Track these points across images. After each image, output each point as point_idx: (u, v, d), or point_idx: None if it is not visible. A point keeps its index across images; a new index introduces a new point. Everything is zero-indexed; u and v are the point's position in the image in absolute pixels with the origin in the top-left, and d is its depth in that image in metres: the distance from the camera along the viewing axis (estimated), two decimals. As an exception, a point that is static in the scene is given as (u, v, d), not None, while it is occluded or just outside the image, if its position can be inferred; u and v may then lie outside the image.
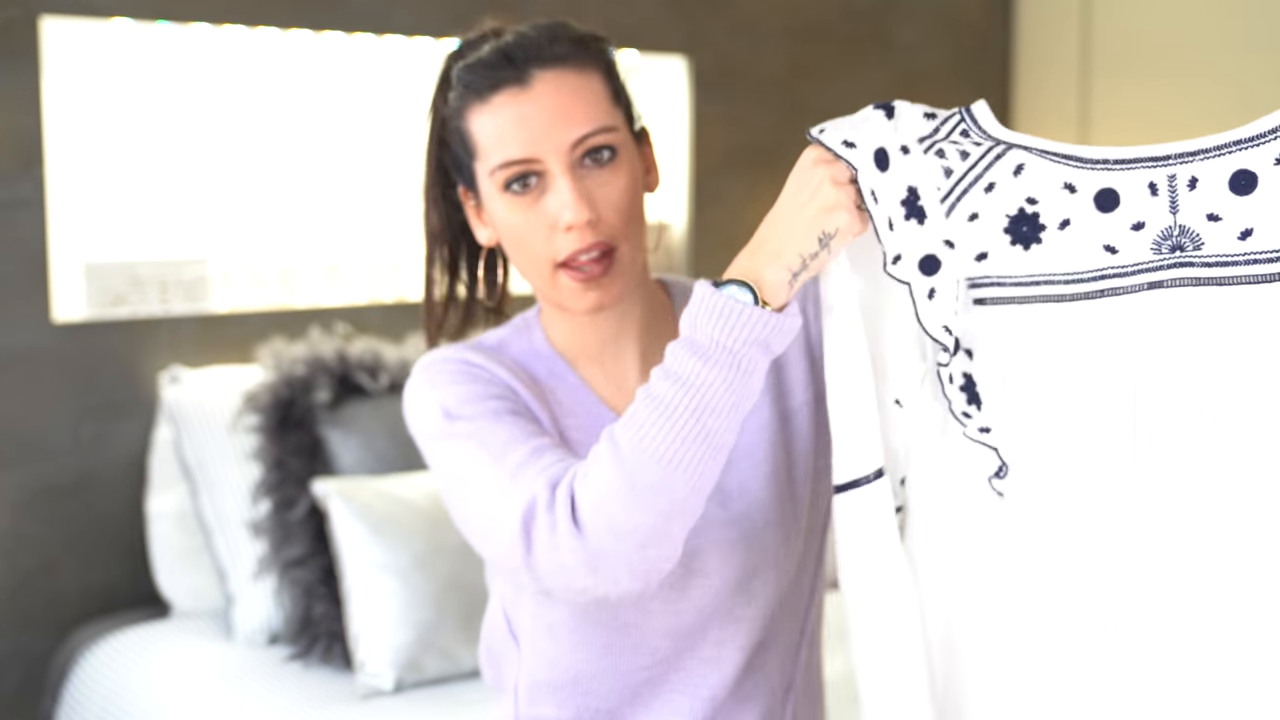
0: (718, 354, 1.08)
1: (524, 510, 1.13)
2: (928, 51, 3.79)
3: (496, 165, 1.23)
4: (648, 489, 1.08)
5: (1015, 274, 1.08)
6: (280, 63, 2.76)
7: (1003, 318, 1.08)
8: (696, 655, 1.32)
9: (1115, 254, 1.05)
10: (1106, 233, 1.05)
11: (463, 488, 1.22)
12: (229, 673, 2.36)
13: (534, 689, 1.34)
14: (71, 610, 2.59)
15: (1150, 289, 1.04)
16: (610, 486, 1.09)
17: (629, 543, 1.10)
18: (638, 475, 1.09)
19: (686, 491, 1.10)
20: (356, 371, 2.54)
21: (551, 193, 1.23)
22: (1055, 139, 3.92)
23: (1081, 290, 1.06)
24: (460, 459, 1.22)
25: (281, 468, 2.43)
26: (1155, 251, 1.04)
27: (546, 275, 1.26)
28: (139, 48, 2.61)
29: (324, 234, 2.84)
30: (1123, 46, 3.71)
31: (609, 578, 1.12)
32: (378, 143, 2.87)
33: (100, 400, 2.59)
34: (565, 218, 1.21)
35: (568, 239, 1.23)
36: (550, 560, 1.12)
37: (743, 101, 3.43)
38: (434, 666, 2.32)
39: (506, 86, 1.22)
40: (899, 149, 1.10)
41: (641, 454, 1.09)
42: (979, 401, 1.10)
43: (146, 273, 2.64)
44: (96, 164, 2.58)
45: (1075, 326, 1.06)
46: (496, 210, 1.26)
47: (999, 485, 1.10)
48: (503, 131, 1.22)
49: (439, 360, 1.30)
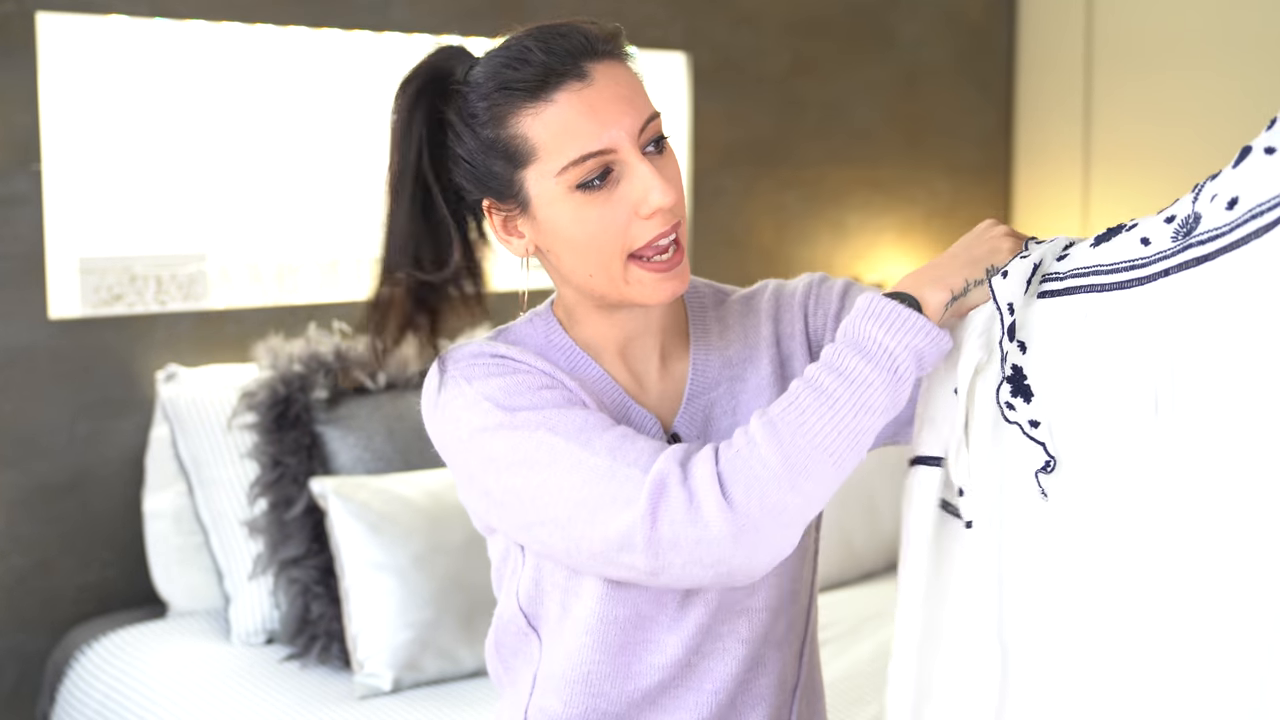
0: (879, 355, 1.15)
1: (651, 488, 1.15)
2: (930, 48, 3.78)
3: (569, 163, 1.21)
4: (802, 471, 1.14)
5: (1079, 266, 1.12)
6: (277, 59, 2.75)
7: (1059, 310, 1.12)
8: (701, 650, 1.33)
9: (1148, 245, 1.08)
10: (1149, 228, 1.08)
11: (540, 479, 1.20)
12: (226, 673, 2.35)
13: (547, 679, 1.35)
14: (68, 610, 2.58)
15: (1164, 276, 1.06)
16: (766, 465, 1.14)
17: (778, 520, 1.14)
18: (794, 457, 1.14)
19: (832, 479, 1.16)
20: (354, 369, 2.52)
21: (629, 180, 1.22)
22: (1058, 135, 3.97)
23: (1116, 280, 1.08)
24: (531, 448, 1.21)
25: (279, 466, 2.43)
26: (1173, 240, 1.06)
27: (616, 271, 1.25)
28: (136, 44, 2.60)
29: (321, 231, 2.83)
30: (1125, 42, 3.70)
31: (748, 552, 1.15)
32: (375, 140, 2.85)
33: (96, 398, 2.58)
34: (654, 200, 1.22)
35: (649, 225, 1.23)
36: (684, 533, 1.15)
37: (743, 98, 3.42)
38: (433, 666, 2.31)
39: (567, 82, 1.21)
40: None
41: (800, 437, 1.14)
42: (1025, 394, 1.13)
43: (143, 269, 2.63)
44: (93, 160, 2.57)
45: (1108, 318, 1.08)
46: (560, 213, 1.23)
47: (1045, 482, 1.12)
48: (572, 126, 1.21)
49: (467, 356, 1.28)
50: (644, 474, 1.16)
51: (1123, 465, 1.08)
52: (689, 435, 1.34)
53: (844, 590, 2.80)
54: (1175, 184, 3.60)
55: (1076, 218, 3.82)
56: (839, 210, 3.64)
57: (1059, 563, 1.12)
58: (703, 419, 1.35)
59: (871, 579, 2.89)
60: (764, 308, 1.40)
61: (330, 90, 2.81)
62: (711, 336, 1.38)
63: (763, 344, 1.37)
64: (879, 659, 2.44)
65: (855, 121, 3.65)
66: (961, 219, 3.87)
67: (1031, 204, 3.96)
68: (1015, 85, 3.97)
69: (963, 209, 3.89)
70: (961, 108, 3.87)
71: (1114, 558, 1.09)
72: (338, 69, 2.81)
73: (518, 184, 1.24)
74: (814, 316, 1.38)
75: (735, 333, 1.39)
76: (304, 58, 2.78)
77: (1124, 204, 3.72)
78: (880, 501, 2.91)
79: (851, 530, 2.85)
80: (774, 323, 1.39)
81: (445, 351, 1.30)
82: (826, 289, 1.39)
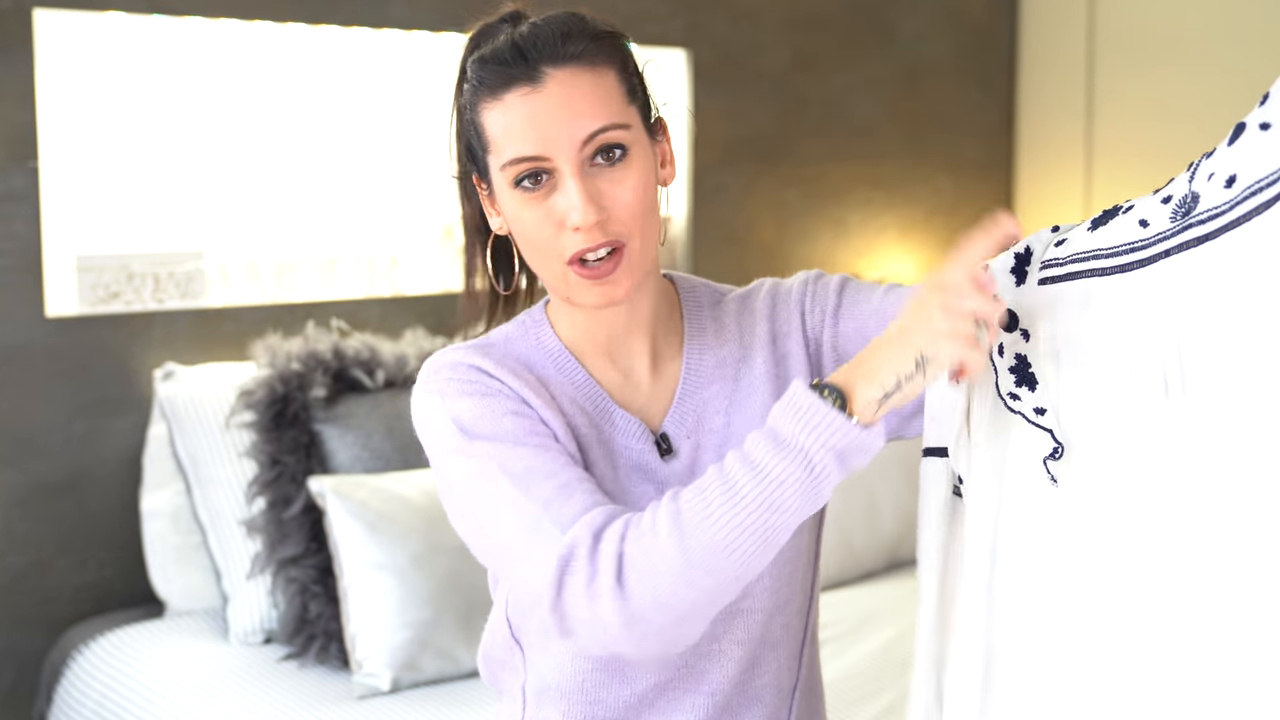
0: (795, 452, 1.09)
1: (562, 553, 1.14)
2: (931, 44, 3.77)
3: (507, 161, 1.24)
4: (700, 568, 1.10)
5: (1078, 251, 1.10)
6: (276, 56, 2.74)
7: (1061, 295, 1.10)
8: (698, 651, 1.32)
9: (1146, 227, 1.06)
10: (1146, 209, 1.07)
11: (484, 512, 1.23)
12: (224, 672, 2.34)
13: (542, 693, 1.34)
14: (65, 609, 2.58)
15: (1165, 257, 1.05)
16: (664, 557, 1.11)
17: (669, 615, 1.12)
18: (694, 553, 1.10)
19: (733, 579, 1.12)
20: (353, 367, 2.53)
21: (560, 192, 1.23)
22: (1060, 131, 3.96)
23: (1117, 263, 1.07)
24: (481, 482, 1.22)
25: (277, 465, 2.42)
26: (1171, 220, 1.05)
27: (557, 271, 1.26)
28: (133, 41, 2.59)
29: (320, 228, 2.82)
30: (1128, 37, 3.69)
31: (637, 641, 1.14)
32: (374, 136, 2.86)
33: (94, 396, 2.58)
34: (572, 219, 1.22)
35: (575, 238, 1.23)
36: (582, 610, 1.14)
37: (743, 94, 3.41)
38: (431, 666, 2.30)
39: (518, 84, 1.23)
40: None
41: (703, 533, 1.10)
42: (1030, 382, 1.11)
43: (140, 267, 2.62)
44: (90, 158, 2.57)
45: (1111, 301, 1.07)
46: (507, 204, 1.27)
47: (1054, 468, 1.11)
48: (513, 128, 1.23)
49: (446, 366, 1.29)
50: (562, 535, 1.15)
51: (1134, 449, 1.07)
52: (678, 436, 1.33)
53: (844, 590, 2.79)
54: (1178, 181, 3.59)
55: (1079, 214, 3.81)
56: (840, 208, 3.63)
57: (1070, 549, 1.11)
58: (694, 419, 1.34)
59: (871, 578, 2.88)
60: (760, 307, 1.39)
61: (329, 87, 2.80)
62: (706, 335, 1.37)
63: (758, 343, 1.37)
64: (879, 658, 2.44)
65: (856, 118, 3.64)
66: (963, 216, 3.86)
67: (1034, 200, 3.95)
68: (1017, 81, 3.96)
69: (965, 206, 3.88)
70: (963, 104, 3.86)
71: (1127, 542, 1.08)
72: (336, 66, 2.81)
73: (486, 168, 1.28)
74: (811, 314, 1.37)
75: (730, 332, 1.38)
76: (302, 55, 2.77)
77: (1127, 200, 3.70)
78: (880, 500, 2.90)
79: (851, 530, 2.84)
80: (770, 321, 1.38)
81: (430, 356, 1.32)
82: (823, 285, 1.38)
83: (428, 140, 2.87)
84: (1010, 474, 1.14)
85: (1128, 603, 1.08)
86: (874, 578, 2.89)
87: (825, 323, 1.36)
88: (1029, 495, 1.13)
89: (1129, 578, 1.07)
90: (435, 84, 2.86)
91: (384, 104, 2.86)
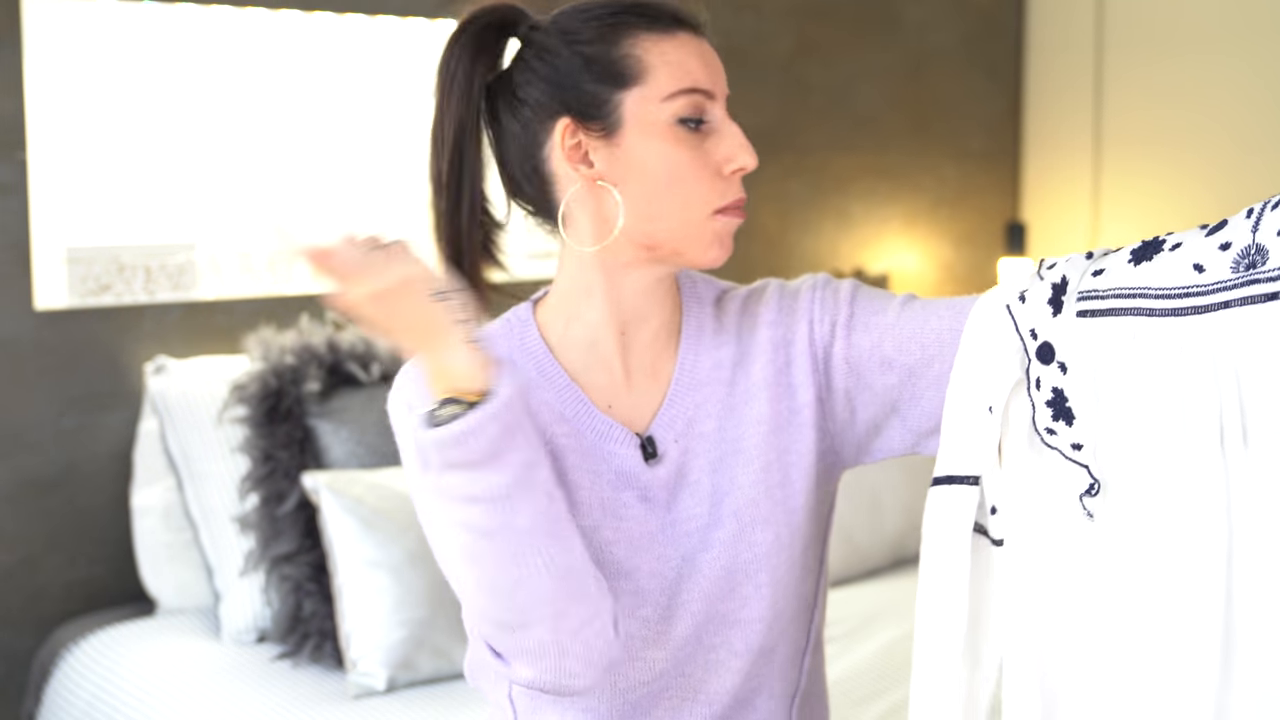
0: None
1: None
2: (937, 31, 3.76)
3: (678, 90, 1.23)
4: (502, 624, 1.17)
5: (1121, 286, 1.09)
6: (269, 44, 2.73)
7: (1102, 331, 1.09)
8: (694, 661, 1.30)
9: (1202, 272, 1.05)
10: (1200, 252, 1.06)
11: (436, 535, 1.23)
12: (216, 672, 2.34)
13: (534, 695, 1.32)
14: (54, 607, 2.57)
15: (1223, 309, 1.03)
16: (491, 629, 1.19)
17: (542, 663, 1.18)
18: (487, 613, 1.18)
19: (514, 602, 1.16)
20: (348, 361, 2.52)
21: (719, 136, 1.25)
22: (1068, 120, 3.96)
23: (1168, 306, 1.06)
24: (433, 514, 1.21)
25: (270, 460, 2.41)
26: (1233, 270, 1.03)
27: (699, 219, 1.25)
28: (124, 28, 2.57)
29: (314, 219, 2.80)
30: (1137, 25, 3.68)
31: (567, 684, 1.19)
32: (369, 125, 2.84)
33: (83, 391, 2.56)
34: (741, 159, 1.24)
35: (733, 185, 1.25)
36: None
37: (745, 82, 3.35)
38: (428, 666, 2.29)
39: (686, 29, 1.27)
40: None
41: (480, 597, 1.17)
42: (1068, 417, 1.10)
43: (131, 259, 2.60)
44: (80, 147, 2.55)
45: (1161, 343, 1.06)
46: (653, 145, 1.24)
47: (1090, 504, 1.10)
48: (688, 63, 1.25)
49: (418, 376, 1.24)
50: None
51: (1181, 494, 1.06)
52: (665, 440, 1.30)
53: (847, 588, 2.78)
54: (1189, 170, 3.57)
55: (1087, 205, 3.79)
56: (843, 198, 3.62)
57: (1102, 585, 1.09)
58: (684, 422, 1.31)
59: (875, 576, 2.87)
60: (763, 311, 1.35)
61: (323, 75, 2.78)
62: (704, 335, 1.34)
63: (758, 349, 1.33)
64: (883, 658, 2.42)
65: (860, 107, 3.62)
66: (969, 206, 3.85)
67: (1041, 191, 3.93)
68: (1024, 69, 3.94)
69: (971, 196, 3.86)
70: (969, 92, 3.83)
71: (1166, 585, 1.06)
72: (330, 53, 2.79)
73: (613, 104, 1.24)
74: (819, 324, 1.33)
75: (730, 334, 1.34)
76: (296, 42, 2.75)
77: (1136, 191, 3.69)
78: (884, 497, 2.88)
79: (854, 527, 2.82)
80: (773, 328, 1.34)
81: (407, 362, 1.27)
82: (832, 293, 1.34)
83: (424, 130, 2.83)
84: (1045, 508, 1.12)
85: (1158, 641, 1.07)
86: (878, 575, 2.87)
87: (836, 335, 1.31)
88: (1064, 531, 1.11)
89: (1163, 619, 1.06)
90: (431, 73, 2.82)
91: (379, 92, 2.84)
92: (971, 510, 1.15)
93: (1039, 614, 1.13)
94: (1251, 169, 3.46)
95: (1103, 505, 1.09)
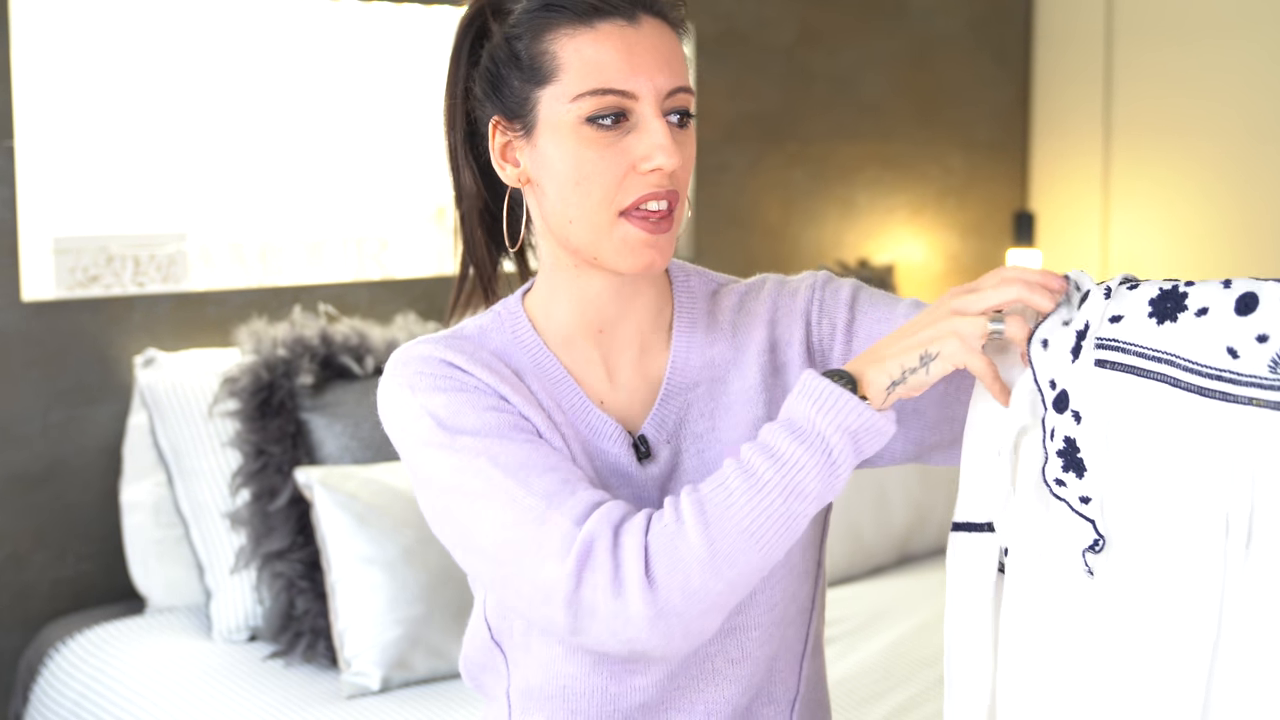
0: (812, 437, 1.12)
1: (579, 548, 1.13)
2: (943, 17, 3.74)
3: (586, 91, 1.19)
4: (726, 557, 1.12)
5: (1144, 345, 1.06)
6: (261, 31, 2.70)
7: (1121, 386, 1.07)
8: (689, 672, 1.28)
9: (1236, 359, 1.03)
10: (1234, 334, 1.03)
11: (474, 507, 1.18)
12: (207, 671, 2.33)
13: (526, 695, 1.31)
14: (41, 605, 2.56)
15: (1251, 405, 1.01)
16: (690, 548, 1.12)
17: (697, 606, 1.12)
18: (720, 542, 1.12)
19: (756, 567, 1.13)
20: (341, 354, 2.51)
21: (640, 133, 1.20)
22: (1077, 108, 3.94)
23: (1196, 383, 1.04)
24: (468, 476, 1.18)
25: (262, 455, 2.40)
26: (1272, 370, 1.01)
27: (604, 223, 1.21)
28: (113, 15, 2.55)
29: (307, 210, 2.79)
30: (1147, 11, 3.66)
31: (664, 635, 1.13)
32: (364, 114, 2.83)
33: (71, 384, 2.55)
34: (657, 159, 1.19)
35: (644, 181, 1.20)
36: (604, 604, 1.13)
37: (748, 69, 3.38)
38: (423, 665, 2.28)
39: (613, 17, 1.20)
40: None
41: (726, 521, 1.12)
42: (1079, 468, 1.09)
43: (120, 249, 2.58)
44: (68, 136, 2.53)
45: (1184, 419, 1.04)
46: (563, 142, 1.20)
47: (1092, 561, 1.09)
48: (604, 59, 1.19)
49: (416, 360, 1.24)
50: (576, 528, 1.14)
51: (1177, 576, 1.05)
52: (658, 439, 1.28)
53: (852, 585, 2.77)
54: (1200, 159, 3.54)
55: (1097, 195, 3.77)
56: (848, 187, 3.59)
57: (1093, 645, 1.09)
58: (675, 422, 1.28)
59: (881, 573, 2.86)
60: (760, 309, 1.32)
61: (316, 62, 2.76)
62: (697, 331, 1.31)
63: (753, 348, 1.30)
64: (888, 656, 2.42)
65: (865, 94, 3.61)
66: (976, 196, 3.83)
67: (1049, 180, 3.91)
68: (1033, 56, 3.91)
69: (978, 186, 3.85)
70: (976, 79, 3.81)
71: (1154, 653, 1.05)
72: (324, 40, 2.77)
73: (531, 102, 1.22)
74: (818, 326, 1.31)
75: (724, 330, 1.31)
76: (289, 28, 2.73)
77: (1147, 180, 3.67)
78: (890, 492, 2.88)
79: (860, 523, 2.81)
80: (770, 327, 1.31)
81: (397, 349, 1.28)
82: (832, 294, 1.31)
83: (419, 117, 2.84)
84: (1048, 560, 1.11)
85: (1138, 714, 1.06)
86: (883, 572, 2.86)
87: (836, 337, 1.30)
88: (1063, 584, 1.10)
89: (1145, 695, 1.06)
90: (427, 59, 2.83)
91: (374, 80, 2.83)
92: (993, 557, 1.15)
93: (1032, 663, 1.12)
94: (1264, 157, 3.43)
95: (1103, 564, 1.09)
